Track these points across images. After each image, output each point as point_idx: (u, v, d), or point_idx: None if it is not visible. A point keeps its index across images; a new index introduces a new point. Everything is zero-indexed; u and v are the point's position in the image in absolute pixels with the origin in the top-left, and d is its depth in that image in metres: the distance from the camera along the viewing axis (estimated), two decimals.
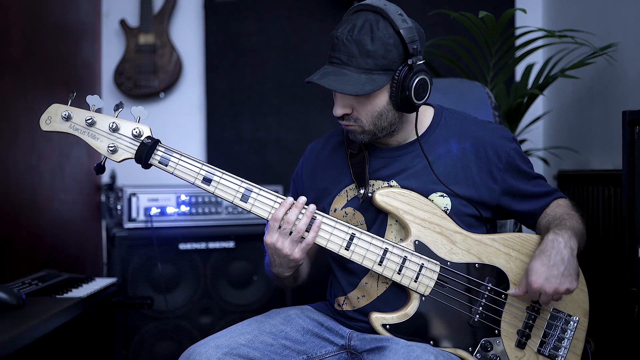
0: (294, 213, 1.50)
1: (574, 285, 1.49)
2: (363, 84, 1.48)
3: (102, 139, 1.53)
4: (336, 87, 1.48)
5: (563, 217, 1.61)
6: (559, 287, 1.47)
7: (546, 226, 1.62)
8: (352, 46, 1.48)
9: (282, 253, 1.51)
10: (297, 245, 1.51)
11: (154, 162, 1.54)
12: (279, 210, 1.50)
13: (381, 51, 1.48)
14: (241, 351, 1.53)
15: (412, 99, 1.52)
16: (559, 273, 1.47)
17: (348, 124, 1.58)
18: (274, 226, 1.50)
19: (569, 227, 1.56)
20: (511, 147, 1.65)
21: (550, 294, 1.48)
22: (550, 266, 1.47)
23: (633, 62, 2.35)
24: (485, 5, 2.57)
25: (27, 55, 2.39)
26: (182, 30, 3.19)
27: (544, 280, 1.47)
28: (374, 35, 1.48)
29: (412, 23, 1.52)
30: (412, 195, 1.59)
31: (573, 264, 1.50)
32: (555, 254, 1.49)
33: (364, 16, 1.50)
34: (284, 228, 1.50)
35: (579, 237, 1.57)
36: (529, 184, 1.67)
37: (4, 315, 1.44)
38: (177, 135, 3.19)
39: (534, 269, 1.49)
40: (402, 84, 1.51)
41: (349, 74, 1.49)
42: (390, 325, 1.56)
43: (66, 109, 1.52)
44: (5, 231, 2.18)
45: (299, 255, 1.52)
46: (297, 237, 1.50)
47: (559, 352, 1.58)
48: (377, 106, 1.54)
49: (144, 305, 2.26)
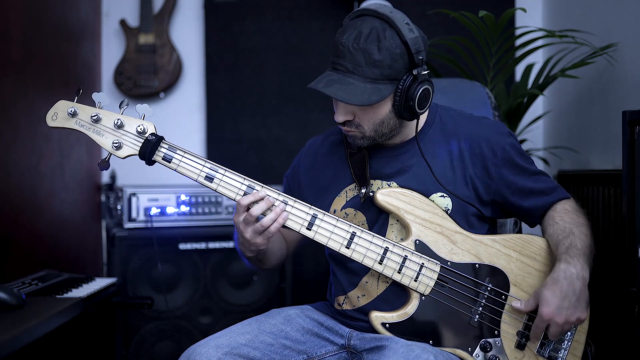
0: (260, 207, 1.50)
1: (584, 316, 1.49)
2: (369, 94, 1.47)
3: (107, 136, 1.54)
4: (343, 98, 1.47)
5: (573, 232, 1.57)
6: (569, 318, 1.47)
7: (555, 238, 1.59)
8: (359, 55, 1.47)
9: (245, 236, 1.53)
10: (259, 235, 1.52)
11: (157, 159, 1.54)
12: (245, 197, 1.50)
13: (387, 61, 1.47)
14: (241, 351, 1.53)
15: (415, 109, 1.52)
16: (570, 305, 1.47)
17: (349, 129, 1.58)
18: (240, 210, 1.51)
19: (581, 251, 1.53)
20: (507, 142, 1.63)
21: (561, 324, 1.47)
22: (562, 298, 1.47)
23: (633, 62, 2.34)
24: (485, 5, 2.57)
25: (27, 55, 2.39)
26: (182, 30, 3.19)
27: (555, 310, 1.46)
28: (381, 44, 1.46)
29: (418, 32, 1.51)
30: (413, 195, 1.59)
31: (585, 294, 1.50)
32: (568, 285, 1.47)
33: (370, 23, 1.48)
34: (247, 218, 1.50)
35: (590, 259, 1.55)
36: (528, 180, 1.65)
37: (4, 315, 1.44)
38: (177, 135, 3.15)
39: (545, 299, 1.48)
40: (406, 94, 1.50)
41: (355, 82, 1.48)
42: (390, 325, 1.56)
43: (72, 105, 1.53)
44: (5, 231, 2.18)
45: (260, 241, 1.53)
46: (260, 230, 1.51)
47: (559, 354, 1.58)
48: (379, 114, 1.53)
49: (144, 305, 2.26)
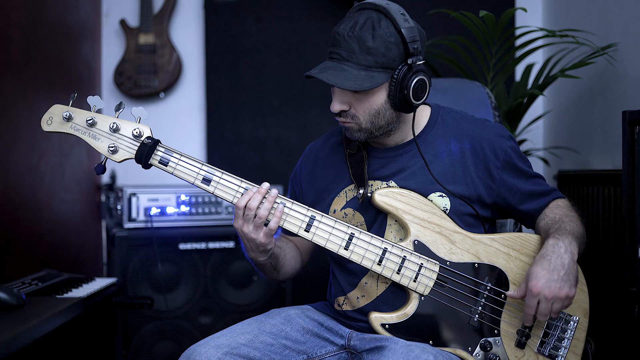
0: (256, 199, 1.51)
1: (572, 292, 1.48)
2: (362, 80, 1.48)
3: (102, 140, 1.53)
4: (335, 82, 1.48)
5: (563, 220, 1.60)
6: (558, 292, 1.46)
7: (545, 229, 1.61)
8: (353, 42, 1.49)
9: (249, 237, 1.53)
10: (261, 230, 1.53)
11: (154, 162, 1.54)
12: (242, 199, 1.52)
13: (381, 49, 1.48)
14: (241, 351, 1.53)
15: (410, 99, 1.52)
16: (559, 277, 1.47)
17: (345, 120, 1.58)
18: (239, 213, 1.52)
19: (569, 231, 1.55)
20: (508, 145, 1.64)
21: (550, 298, 1.46)
22: (551, 270, 1.47)
23: (633, 62, 2.35)
24: (485, 5, 2.57)
25: (27, 55, 2.39)
26: (182, 30, 3.19)
27: (544, 284, 1.46)
28: (375, 32, 1.48)
29: (414, 23, 1.53)
30: (411, 195, 1.59)
31: (573, 269, 1.50)
32: (556, 258, 1.48)
33: (367, 14, 1.51)
34: (247, 214, 1.51)
35: (579, 241, 1.56)
36: (527, 183, 1.66)
37: (4, 315, 1.43)
38: (177, 136, 3.19)
39: (533, 273, 1.48)
40: (400, 83, 1.51)
41: (348, 69, 1.49)
42: (390, 325, 1.56)
43: (67, 109, 1.53)
44: (5, 231, 2.18)
45: (264, 239, 1.53)
46: (259, 222, 1.52)
47: (559, 352, 1.58)
48: (374, 104, 1.54)
49: (144, 305, 2.26)
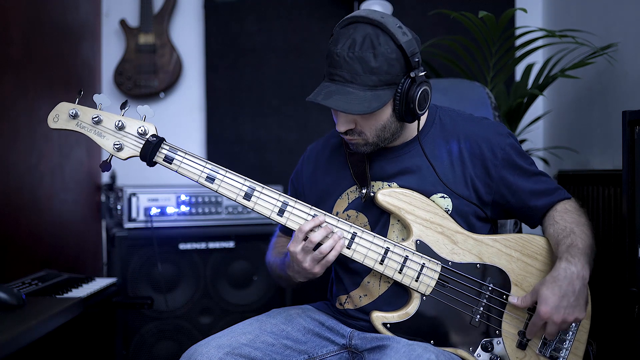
0: (320, 234, 1.49)
1: (582, 315, 1.49)
2: (369, 102, 1.47)
3: (108, 137, 1.54)
4: (345, 108, 1.46)
5: (574, 231, 1.57)
6: (567, 318, 1.46)
7: (555, 238, 1.59)
8: (355, 63, 1.46)
9: (303, 266, 1.51)
10: (318, 263, 1.51)
11: (158, 160, 1.55)
12: (307, 224, 1.50)
13: (384, 67, 1.47)
14: (243, 351, 1.53)
15: (416, 110, 1.52)
16: (568, 304, 1.46)
17: (352, 138, 1.57)
18: (299, 237, 1.50)
19: (582, 250, 1.53)
20: (507, 143, 1.63)
21: (558, 323, 1.46)
22: (561, 297, 1.46)
23: (633, 62, 2.35)
24: (485, 5, 2.57)
25: (27, 55, 2.38)
26: (182, 30, 3.18)
27: (553, 310, 1.45)
28: (376, 51, 1.46)
29: (411, 34, 1.51)
30: (414, 195, 1.59)
31: (584, 294, 1.49)
32: (567, 284, 1.47)
33: (363, 30, 1.48)
34: (307, 246, 1.49)
35: (591, 258, 1.54)
36: (529, 181, 1.65)
37: (4, 315, 1.43)
38: (177, 135, 3.16)
39: (543, 297, 1.47)
40: (405, 97, 1.50)
41: (354, 92, 1.47)
42: (391, 324, 1.56)
43: (73, 107, 1.54)
44: (5, 231, 2.18)
45: (318, 270, 1.52)
46: (319, 257, 1.50)
47: (560, 353, 1.58)
48: (381, 120, 1.53)
49: (144, 305, 2.26)
